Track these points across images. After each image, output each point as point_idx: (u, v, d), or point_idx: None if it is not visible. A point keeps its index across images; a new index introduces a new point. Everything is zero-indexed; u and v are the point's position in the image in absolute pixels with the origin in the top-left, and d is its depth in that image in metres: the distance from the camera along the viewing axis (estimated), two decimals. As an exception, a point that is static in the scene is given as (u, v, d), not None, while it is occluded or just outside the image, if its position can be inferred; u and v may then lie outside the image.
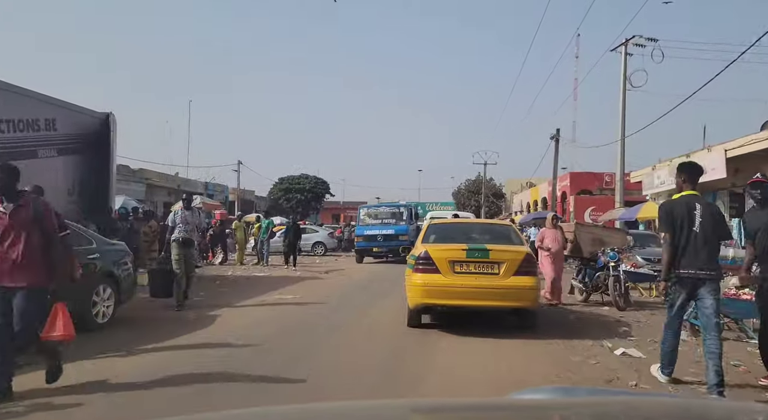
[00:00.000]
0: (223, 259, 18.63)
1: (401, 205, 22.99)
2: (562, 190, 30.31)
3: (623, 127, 23.46)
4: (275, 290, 11.42)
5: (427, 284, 7.02)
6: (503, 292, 6.92)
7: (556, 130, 28.11)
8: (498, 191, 53.77)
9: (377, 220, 21.61)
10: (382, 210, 22.51)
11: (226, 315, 8.34)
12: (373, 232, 20.83)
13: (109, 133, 12.43)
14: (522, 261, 7.02)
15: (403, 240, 19.81)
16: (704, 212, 4.75)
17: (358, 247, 20.97)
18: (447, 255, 7.10)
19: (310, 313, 8.59)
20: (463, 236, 8.05)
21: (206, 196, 27.47)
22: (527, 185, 41.71)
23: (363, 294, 11.06)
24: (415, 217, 22.24)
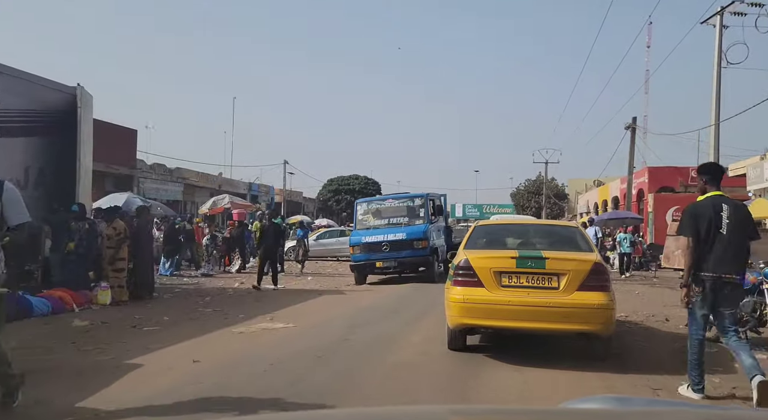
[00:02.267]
0: (241, 266, 15.80)
1: (416, 195, 16.16)
2: (639, 187, 27.20)
3: (717, 110, 20.34)
4: (269, 313, 9.17)
5: (467, 300, 5.84)
6: (564, 312, 5.62)
7: (632, 118, 24.68)
8: (560, 192, 50.20)
9: (382, 219, 15.62)
10: (387, 205, 16.04)
11: (153, 364, 5.87)
12: (376, 239, 14.72)
13: (77, 111, 10.63)
14: (589, 272, 5.71)
15: (421, 248, 14.56)
16: (732, 213, 4.70)
17: (355, 261, 14.86)
18: (492, 264, 5.91)
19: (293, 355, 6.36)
20: (516, 241, 6.91)
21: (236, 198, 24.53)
22: (595, 184, 37.31)
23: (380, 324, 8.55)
24: (439, 212, 16.36)
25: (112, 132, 27.54)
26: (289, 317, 8.54)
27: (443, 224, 17.02)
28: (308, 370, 5.40)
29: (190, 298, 10.72)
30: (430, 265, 14.64)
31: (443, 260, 15.98)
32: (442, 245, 15.97)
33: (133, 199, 16.35)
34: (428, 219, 15.12)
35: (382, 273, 15.02)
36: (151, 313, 8.65)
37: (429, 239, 14.58)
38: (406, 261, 14.50)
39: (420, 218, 15.19)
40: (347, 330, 7.48)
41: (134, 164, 27.29)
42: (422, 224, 14.96)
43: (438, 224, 16.00)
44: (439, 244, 15.52)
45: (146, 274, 10.41)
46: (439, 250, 15.40)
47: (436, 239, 15.32)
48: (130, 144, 27.15)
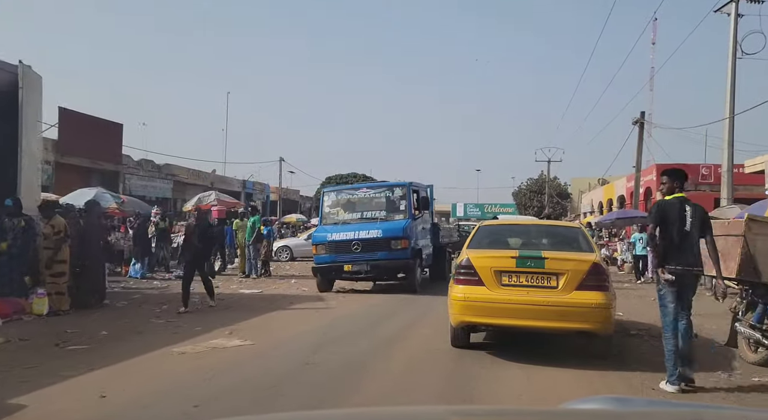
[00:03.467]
0: (221, 268, 14.01)
1: (396, 184, 13.35)
2: (646, 185, 25.78)
3: (732, 102, 19.13)
4: (231, 325, 8.01)
5: (468, 299, 6.00)
6: (562, 311, 5.78)
7: (641, 113, 22.69)
8: (563, 191, 48.47)
9: (354, 213, 12.95)
10: (361, 195, 13.21)
11: (43, 403, 4.57)
12: (345, 236, 12.11)
13: (17, 92, 9.28)
14: (587, 272, 5.86)
15: (400, 249, 11.90)
16: (693, 213, 5.23)
17: (317, 264, 12.39)
18: (493, 263, 6.06)
19: (234, 387, 5.08)
20: (518, 241, 6.97)
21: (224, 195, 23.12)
22: (599, 183, 35.78)
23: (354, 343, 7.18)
24: (425, 205, 13.64)
25: (97, 126, 25.92)
26: (252, 331, 7.56)
27: (430, 221, 14.43)
28: (246, 411, 4.29)
29: (147, 305, 9.38)
30: (411, 271, 12.13)
31: (430, 265, 14.42)
32: (427, 246, 13.79)
33: (103, 194, 14.97)
34: (410, 213, 12.49)
35: (352, 278, 12.43)
36: (89, 326, 7.42)
37: (410, 238, 12.05)
38: (381, 264, 11.86)
39: (400, 212, 12.54)
40: (313, 350, 6.48)
41: (120, 160, 25.90)
42: (403, 220, 12.30)
43: (423, 220, 13.40)
44: (423, 245, 13.27)
45: (95, 279, 9.00)
46: (424, 253, 13.27)
47: (419, 239, 12.90)
48: (116, 139, 25.72)
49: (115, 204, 15.54)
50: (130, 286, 12.75)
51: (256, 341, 6.77)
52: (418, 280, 12.44)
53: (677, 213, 5.23)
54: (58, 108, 23.02)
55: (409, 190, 12.82)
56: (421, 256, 12.81)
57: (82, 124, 25.23)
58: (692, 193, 25.79)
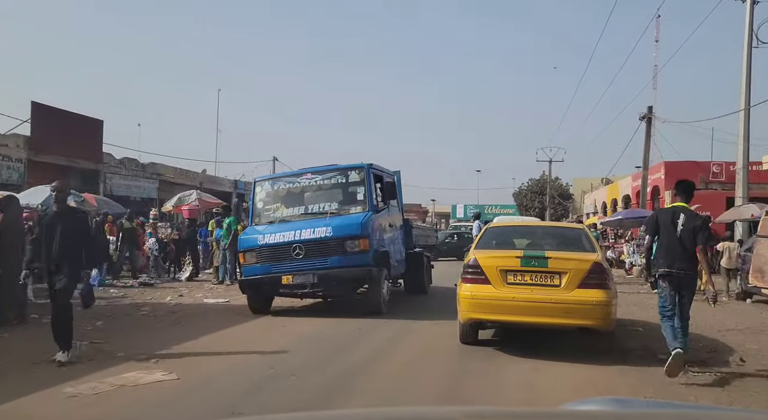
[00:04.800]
0: (193, 273, 12.37)
1: (351, 167, 10.23)
2: (654, 184, 27.17)
3: (748, 94, 17.98)
4: (166, 348, 6.64)
5: (475, 296, 6.45)
6: (564, 308, 6.22)
7: (648, 107, 21.21)
8: (564, 191, 47.02)
9: (296, 207, 10.05)
10: (305, 183, 10.22)
11: None
12: (282, 238, 9.26)
13: None
14: (588, 271, 6.31)
15: (358, 253, 9.05)
16: (686, 222, 5.72)
17: (246, 276, 9.63)
18: (498, 263, 6.55)
19: None
20: (524, 241, 7.50)
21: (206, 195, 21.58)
22: (603, 182, 34.23)
23: (306, 379, 5.56)
24: (390, 195, 10.51)
25: (74, 122, 24.17)
26: (187, 358, 6.33)
27: (400, 216, 11.58)
28: None
29: (79, 321, 7.66)
30: (375, 283, 9.17)
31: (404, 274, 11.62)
32: (398, 251, 10.99)
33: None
34: (371, 204, 9.61)
35: (293, 294, 9.43)
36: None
37: (372, 237, 9.17)
38: (332, 274, 8.92)
39: (358, 203, 9.68)
40: (249, 390, 5.18)
41: (100, 158, 24.30)
42: (361, 213, 9.43)
43: (389, 215, 10.50)
44: (392, 247, 10.42)
45: (10, 290, 7.39)
46: (393, 258, 10.34)
47: (386, 238, 10.07)
48: (95, 136, 24.06)
49: (74, 203, 13.97)
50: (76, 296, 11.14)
51: (183, 375, 5.34)
52: (384, 296, 9.37)
53: (669, 220, 5.83)
54: (31, 102, 21.62)
55: (369, 174, 9.88)
56: (389, 263, 9.85)
57: (57, 119, 23.60)
58: (702, 193, 24.44)
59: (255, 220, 10.13)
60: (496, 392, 5.20)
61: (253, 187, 10.72)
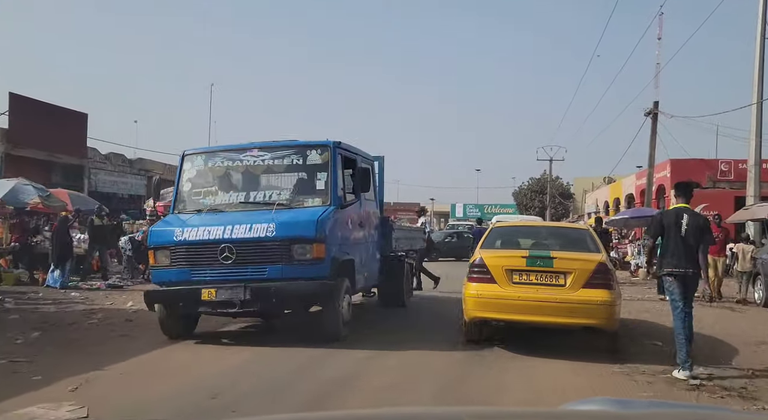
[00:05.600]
0: (103, 277, 11.21)
1: (311, 145, 7.72)
2: (659, 182, 26.10)
3: (760, 87, 17.00)
4: (95, 370, 5.50)
5: (480, 295, 6.62)
6: (569, 308, 6.39)
7: (654, 103, 20.19)
8: (565, 191, 46.04)
9: (231, 193, 7.83)
10: (249, 161, 7.83)
11: None
12: (205, 235, 6.91)
13: None
14: (593, 271, 6.48)
15: (309, 261, 6.81)
16: (690, 222, 5.95)
17: (157, 283, 7.41)
18: (504, 262, 6.71)
19: None
20: (529, 242, 7.67)
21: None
22: (605, 181, 33.30)
23: None
24: (362, 185, 8.11)
25: (56, 116, 23.07)
26: (115, 383, 5.37)
27: (377, 213, 9.36)
28: None
29: (14, 331, 6.65)
30: (331, 301, 7.05)
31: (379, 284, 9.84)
32: (371, 257, 8.97)
33: (24, 186, 12.32)
34: (335, 197, 7.38)
35: (215, 312, 7.20)
36: None
37: (331, 241, 7.04)
38: (271, 289, 6.77)
39: (318, 194, 7.45)
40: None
41: (85, 153, 23.36)
42: (319, 207, 7.25)
43: (361, 211, 8.30)
44: (361, 254, 8.29)
45: None
46: (361, 267, 8.25)
47: (352, 242, 7.94)
48: (79, 130, 23.09)
49: (38, 198, 12.94)
50: (32, 299, 10.10)
51: (98, 409, 4.25)
52: (343, 317, 7.23)
53: (673, 221, 6.01)
54: (9, 94, 20.59)
55: (335, 155, 7.57)
56: (353, 273, 7.82)
57: (37, 112, 22.61)
58: (710, 192, 23.55)
59: (178, 206, 7.72)
60: (497, 392, 5.24)
61: (180, 163, 8.05)
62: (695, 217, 6.11)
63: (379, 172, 9.76)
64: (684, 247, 5.90)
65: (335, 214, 7.23)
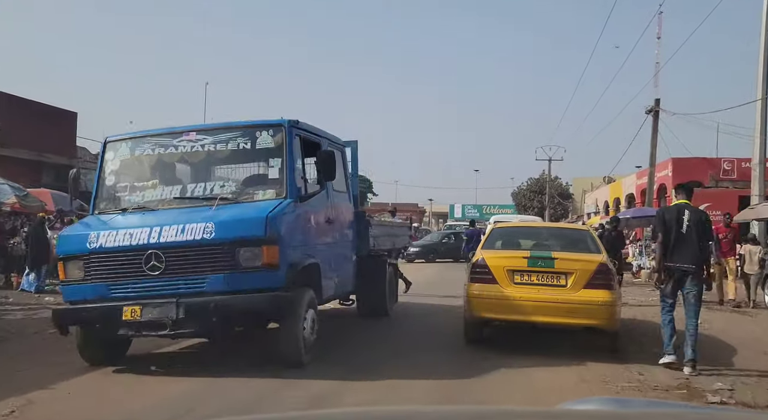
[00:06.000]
0: None
1: (261, 124, 6.44)
2: (660, 182, 25.74)
3: (765, 82, 16.48)
4: (49, 386, 5.01)
5: (482, 296, 6.70)
6: (571, 308, 6.49)
7: (655, 100, 19.77)
8: (564, 191, 45.69)
9: (164, 186, 6.48)
10: (185, 147, 6.49)
11: None
12: (128, 240, 5.63)
13: None
14: (594, 272, 6.58)
15: (260, 269, 5.57)
16: (692, 218, 6.07)
17: (69, 303, 6.03)
18: (505, 263, 6.80)
19: None
20: (530, 242, 7.78)
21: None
22: (605, 181, 32.86)
23: None
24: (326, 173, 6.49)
25: (44, 115, 22.46)
26: (52, 409, 4.71)
27: (348, 207, 7.98)
28: None
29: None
30: (289, 317, 5.81)
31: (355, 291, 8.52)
32: (344, 260, 7.80)
33: (0, 185, 11.79)
34: (293, 189, 6.15)
35: (140, 334, 5.78)
36: None
37: (287, 242, 5.87)
38: (211, 304, 5.51)
39: (270, 185, 6.27)
40: None
41: (74, 153, 22.77)
42: (272, 201, 6.05)
43: (328, 205, 7.05)
44: (328, 257, 7.05)
45: None
46: (330, 272, 7.02)
47: (316, 243, 6.73)
48: (69, 129, 22.51)
49: (14, 198, 12.43)
50: (1, 304, 9.54)
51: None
52: (304, 339, 5.94)
53: (675, 217, 6.15)
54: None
55: (291, 137, 6.33)
56: (318, 280, 6.53)
57: (23, 111, 22.01)
58: (713, 191, 23.12)
59: (99, 205, 6.36)
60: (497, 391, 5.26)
61: (101, 152, 6.76)
62: (696, 213, 6.25)
63: (352, 160, 8.57)
64: (685, 243, 6.02)
65: (292, 209, 5.99)
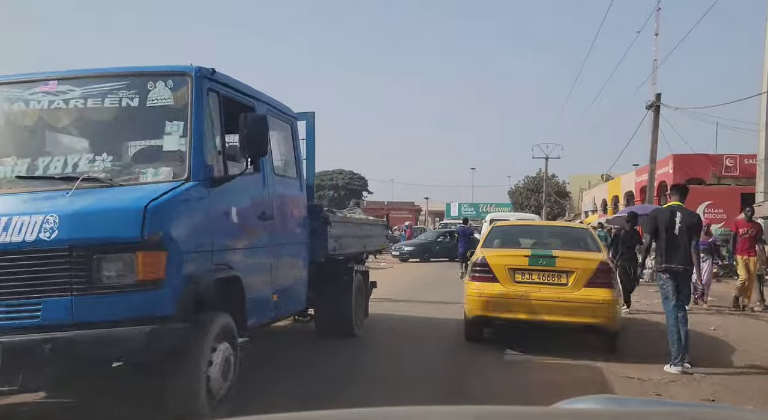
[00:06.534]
0: None
1: (159, 71, 4.44)
2: (661, 179, 24.45)
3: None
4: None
5: (483, 294, 6.75)
6: (572, 306, 6.54)
7: (656, 95, 19.19)
8: (561, 189, 45.36)
9: (10, 156, 4.51)
10: (46, 102, 4.42)
11: None
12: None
13: None
14: (595, 270, 6.65)
15: (134, 286, 3.64)
16: (684, 220, 6.19)
17: None
18: (506, 262, 6.86)
19: None
20: (530, 241, 7.87)
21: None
22: (603, 179, 32.37)
23: None
24: (257, 141, 4.45)
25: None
26: None
27: (300, 198, 6.24)
28: None
29: None
30: (180, 360, 3.93)
31: (311, 306, 6.81)
32: (291, 267, 5.94)
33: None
34: (198, 165, 4.21)
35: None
36: None
37: (177, 246, 3.87)
38: (44, 349, 3.45)
39: (166, 160, 4.32)
40: None
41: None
42: (168, 182, 4.11)
43: (264, 190, 5.18)
44: (256, 266, 5.13)
45: None
46: (257, 288, 5.08)
47: (234, 243, 4.73)
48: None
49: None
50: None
51: None
52: (208, 387, 4.05)
53: (667, 219, 6.24)
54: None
55: (200, 94, 4.43)
56: (240, 300, 4.67)
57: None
58: (715, 188, 22.56)
59: None
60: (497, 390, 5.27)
61: None
62: (689, 216, 6.40)
63: (307, 137, 6.84)
64: (677, 245, 6.18)
65: (196, 196, 4.14)
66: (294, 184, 6.15)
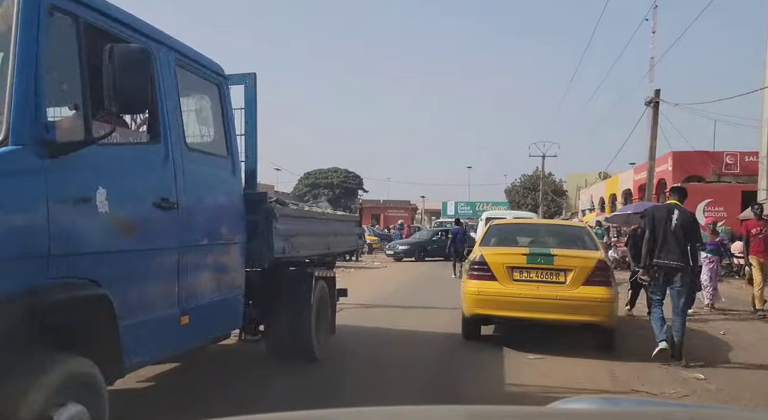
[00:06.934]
0: None
1: None
2: (660, 177, 24.19)
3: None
4: None
5: (481, 292, 6.81)
6: (570, 305, 6.59)
7: (655, 91, 18.56)
8: (558, 188, 45.20)
9: None
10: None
11: None
12: None
13: None
14: (593, 268, 6.72)
15: None
16: (680, 217, 6.29)
17: None
18: (505, 260, 6.93)
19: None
20: (528, 239, 7.95)
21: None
22: (600, 177, 31.91)
23: None
24: (143, 86, 2.93)
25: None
26: None
27: (232, 185, 4.81)
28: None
29: None
30: None
31: (261, 319, 5.66)
32: (213, 281, 4.48)
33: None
34: (22, 121, 2.70)
35: None
36: None
37: None
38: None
39: None
40: None
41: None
42: None
43: (164, 169, 3.73)
44: (143, 277, 3.65)
45: None
46: (144, 310, 3.55)
47: (96, 248, 3.11)
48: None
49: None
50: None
51: None
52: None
53: (665, 216, 6.35)
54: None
55: (36, 8, 2.78)
56: (112, 333, 3.16)
57: None
58: (715, 186, 22.21)
59: None
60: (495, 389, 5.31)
61: None
62: (686, 213, 6.54)
63: (246, 107, 5.48)
64: (672, 241, 6.28)
65: (13, 167, 2.69)
66: (222, 164, 4.71)
